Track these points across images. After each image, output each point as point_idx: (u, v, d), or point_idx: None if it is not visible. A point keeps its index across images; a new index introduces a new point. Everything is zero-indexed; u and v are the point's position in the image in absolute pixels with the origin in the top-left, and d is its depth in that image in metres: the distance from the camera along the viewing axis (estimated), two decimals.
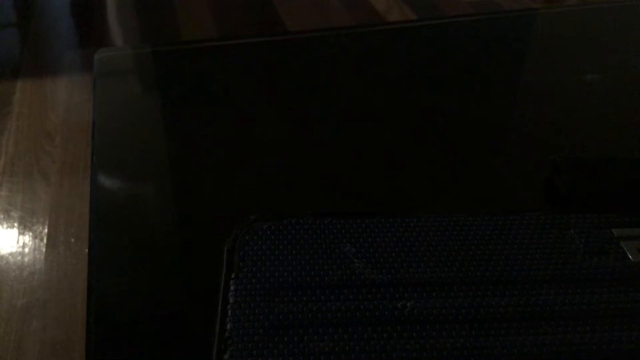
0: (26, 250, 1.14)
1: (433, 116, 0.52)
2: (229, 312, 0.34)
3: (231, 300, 0.35)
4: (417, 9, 1.94)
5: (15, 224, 1.20)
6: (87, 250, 0.40)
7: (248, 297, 0.35)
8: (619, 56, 0.60)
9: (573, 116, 0.53)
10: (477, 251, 0.38)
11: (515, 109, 0.54)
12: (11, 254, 1.14)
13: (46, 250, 1.14)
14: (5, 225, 1.20)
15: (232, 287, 0.35)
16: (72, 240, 1.16)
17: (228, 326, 0.33)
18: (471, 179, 0.46)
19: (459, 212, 0.41)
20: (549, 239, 0.39)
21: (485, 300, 0.35)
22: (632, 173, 0.45)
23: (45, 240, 1.16)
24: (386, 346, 0.33)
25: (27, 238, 1.17)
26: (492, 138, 0.51)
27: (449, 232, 0.39)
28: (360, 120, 0.51)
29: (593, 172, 0.45)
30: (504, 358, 0.32)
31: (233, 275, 0.36)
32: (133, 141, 0.49)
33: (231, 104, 0.53)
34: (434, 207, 0.42)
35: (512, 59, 0.61)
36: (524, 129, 0.51)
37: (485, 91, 0.56)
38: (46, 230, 1.18)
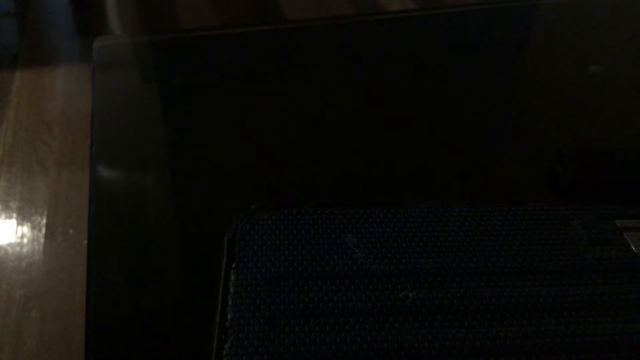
0: (25, 241, 1.14)
1: (435, 106, 0.52)
2: (230, 301, 0.34)
3: (232, 290, 0.34)
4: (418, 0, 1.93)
5: (14, 215, 1.20)
6: (86, 241, 0.40)
7: (249, 287, 0.35)
8: (622, 47, 0.60)
9: (577, 107, 0.52)
10: (480, 242, 0.38)
11: (518, 100, 0.54)
12: (10, 244, 1.13)
13: (45, 241, 1.14)
14: (3, 216, 1.19)
15: (232, 277, 0.35)
16: (71, 231, 1.16)
17: (229, 316, 0.33)
18: (474, 170, 0.45)
19: (461, 202, 0.41)
20: (552, 230, 0.39)
21: (487, 291, 0.35)
22: (636, 164, 0.44)
23: (44, 231, 1.16)
24: (387, 336, 0.32)
25: (25, 229, 1.16)
26: (495, 129, 0.51)
27: (451, 223, 0.39)
28: (362, 110, 0.51)
29: (596, 163, 0.44)
30: (506, 349, 0.32)
31: (234, 265, 0.36)
32: (132, 131, 0.48)
33: (231, 93, 0.52)
34: (437, 198, 0.42)
35: (514, 49, 0.61)
36: (527, 119, 0.51)
37: (488, 81, 0.55)
38: (45, 221, 1.18)
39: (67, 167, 1.31)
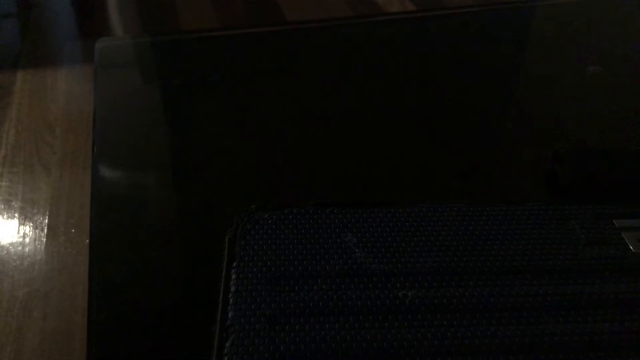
0: (27, 240, 1.14)
1: (435, 107, 0.52)
2: (231, 300, 0.34)
3: (232, 289, 0.35)
4: (418, 1, 1.93)
5: (16, 215, 1.20)
6: (87, 240, 0.40)
7: (249, 286, 0.35)
8: (621, 47, 0.60)
9: (575, 107, 0.52)
10: (478, 241, 0.38)
11: (517, 100, 0.54)
12: (12, 244, 1.14)
13: (47, 241, 1.14)
14: (5, 216, 1.20)
15: (233, 276, 0.35)
16: (73, 230, 1.16)
17: (230, 315, 0.33)
18: (473, 170, 0.45)
19: (460, 202, 0.41)
20: (550, 230, 0.39)
21: (485, 290, 0.35)
22: (634, 164, 0.45)
23: (45, 231, 1.16)
24: (387, 335, 0.33)
25: (27, 228, 1.17)
26: (494, 129, 0.51)
27: (450, 222, 0.39)
28: (362, 111, 0.51)
29: (594, 163, 0.45)
30: (504, 347, 0.32)
31: (235, 264, 0.36)
32: (134, 131, 0.48)
33: (232, 93, 0.53)
34: (436, 197, 0.42)
35: (513, 50, 0.61)
36: (526, 119, 0.51)
37: (487, 81, 0.55)
38: (47, 220, 1.18)
39: (68, 168, 1.31)
